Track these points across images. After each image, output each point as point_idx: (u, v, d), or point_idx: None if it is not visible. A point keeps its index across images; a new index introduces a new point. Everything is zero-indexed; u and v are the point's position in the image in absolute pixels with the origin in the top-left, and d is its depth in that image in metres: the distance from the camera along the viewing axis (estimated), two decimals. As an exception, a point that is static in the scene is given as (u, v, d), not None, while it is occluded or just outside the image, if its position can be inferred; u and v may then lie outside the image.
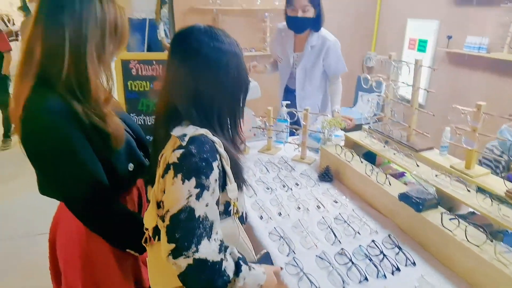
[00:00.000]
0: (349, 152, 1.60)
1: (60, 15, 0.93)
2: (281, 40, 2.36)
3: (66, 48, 0.92)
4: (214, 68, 0.88)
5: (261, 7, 3.50)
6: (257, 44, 3.64)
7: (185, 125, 0.89)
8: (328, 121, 1.81)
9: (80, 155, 0.97)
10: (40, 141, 0.95)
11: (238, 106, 0.97)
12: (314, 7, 2.11)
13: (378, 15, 3.95)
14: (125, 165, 1.12)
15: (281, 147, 1.98)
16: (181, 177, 0.82)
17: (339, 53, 2.25)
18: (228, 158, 0.91)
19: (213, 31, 0.90)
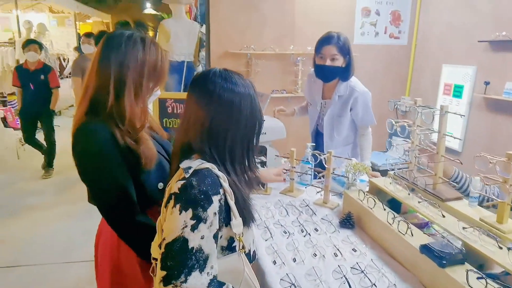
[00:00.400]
0: (371, 198, 1.55)
1: (109, 56, 1.13)
2: (311, 86, 2.36)
3: (111, 83, 1.12)
4: (227, 107, 0.94)
5: (294, 52, 3.60)
6: (289, 86, 3.72)
7: (193, 158, 0.95)
8: (352, 165, 1.77)
9: (113, 170, 1.13)
10: (85, 155, 1.14)
11: (251, 144, 1.01)
12: (344, 56, 2.09)
13: (413, 60, 3.93)
14: (155, 184, 1.24)
15: (304, 189, 1.96)
16: (179, 208, 0.87)
17: (367, 105, 2.19)
18: (232, 193, 0.93)
19: (228, 74, 0.97)
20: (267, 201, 1.80)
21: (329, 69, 2.10)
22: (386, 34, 3.83)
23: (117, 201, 1.15)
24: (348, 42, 2.12)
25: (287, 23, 3.60)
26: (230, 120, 0.95)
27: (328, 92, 2.26)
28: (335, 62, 2.08)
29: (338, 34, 2.10)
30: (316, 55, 2.14)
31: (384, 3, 3.73)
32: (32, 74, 4.38)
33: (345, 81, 2.16)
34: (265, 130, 2.13)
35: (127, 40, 1.15)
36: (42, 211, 3.79)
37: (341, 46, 2.07)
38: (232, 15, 3.46)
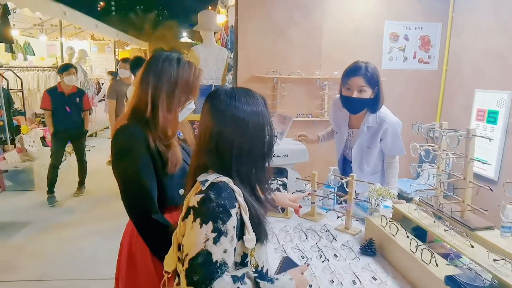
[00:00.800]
0: (394, 225, 1.48)
1: (149, 72, 1.33)
2: (336, 113, 2.27)
3: (148, 96, 1.31)
4: (235, 125, 0.97)
5: (320, 76, 3.61)
6: (315, 110, 3.71)
7: (210, 172, 0.99)
8: (375, 190, 1.72)
9: (140, 167, 1.29)
10: (120, 151, 1.32)
11: (259, 160, 1.02)
12: (372, 88, 1.98)
13: (444, 85, 3.83)
14: (177, 189, 1.40)
15: (326, 214, 1.91)
16: (200, 221, 0.89)
17: (397, 135, 2.08)
18: (246, 208, 0.95)
19: (235, 93, 1.01)
20: (286, 225, 1.77)
21: (356, 101, 1.99)
22: (415, 59, 3.77)
23: (138, 196, 1.30)
24: (377, 72, 2.01)
25: (314, 48, 3.64)
26: (235, 135, 0.97)
27: (356, 121, 2.15)
28: (362, 94, 1.97)
29: (367, 64, 1.99)
30: (343, 86, 2.05)
31: (413, 28, 3.70)
32: (68, 97, 4.51)
33: (373, 113, 2.06)
34: (286, 152, 2.16)
35: (165, 59, 1.34)
36: (72, 228, 3.91)
37: (369, 77, 1.96)
38: (259, 41, 3.54)
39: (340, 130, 2.26)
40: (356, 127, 2.17)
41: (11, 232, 3.74)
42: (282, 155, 2.12)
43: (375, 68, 2.02)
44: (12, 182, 4.98)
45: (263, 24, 3.52)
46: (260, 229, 0.99)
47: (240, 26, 3.51)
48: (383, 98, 2.05)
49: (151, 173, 1.32)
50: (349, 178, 1.72)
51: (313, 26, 3.60)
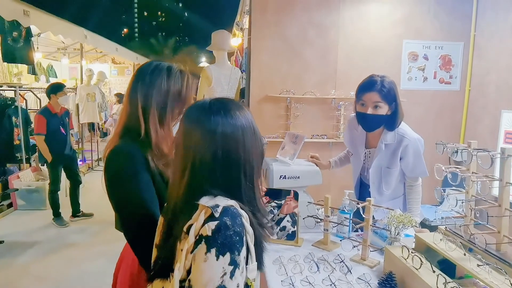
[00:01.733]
0: (418, 257, 1.30)
1: (137, 86, 1.21)
2: (352, 133, 2.12)
3: (139, 111, 1.19)
4: (232, 142, 0.88)
5: (336, 96, 3.49)
6: (330, 132, 3.57)
7: (213, 195, 0.86)
8: (395, 217, 1.55)
9: (142, 193, 1.15)
10: (117, 175, 1.17)
11: (257, 174, 0.94)
12: (388, 104, 1.83)
13: (467, 107, 3.64)
14: None
15: (340, 243, 1.74)
16: (215, 253, 0.77)
17: (419, 154, 1.91)
18: (253, 235, 0.86)
19: (225, 107, 0.91)
20: (296, 254, 1.61)
21: (372, 118, 1.84)
22: (435, 79, 3.62)
23: (142, 225, 1.14)
24: (394, 87, 1.86)
25: (330, 68, 3.54)
26: (242, 152, 0.89)
27: (373, 140, 1.99)
28: (378, 110, 1.82)
29: (382, 78, 1.84)
30: (357, 102, 1.91)
31: (433, 47, 3.57)
32: (61, 118, 4.33)
33: (390, 131, 1.91)
34: (298, 174, 2.01)
35: (153, 70, 1.22)
36: (80, 249, 3.81)
37: (385, 92, 1.81)
38: (273, 60, 3.48)
39: (356, 151, 2.10)
40: (373, 147, 2.01)
41: (18, 252, 3.67)
42: (293, 176, 1.97)
43: (392, 82, 1.87)
44: (25, 201, 4.96)
45: (277, 43, 3.46)
46: (261, 256, 0.91)
47: (253, 45, 3.46)
48: (402, 114, 1.89)
49: (154, 198, 1.17)
50: (366, 203, 1.56)
51: (328, 45, 3.52)
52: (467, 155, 1.30)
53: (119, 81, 11.58)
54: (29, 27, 5.58)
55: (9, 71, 7.36)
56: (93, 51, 9.92)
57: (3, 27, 5.08)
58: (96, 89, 7.33)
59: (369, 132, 2.00)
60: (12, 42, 5.29)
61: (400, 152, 1.91)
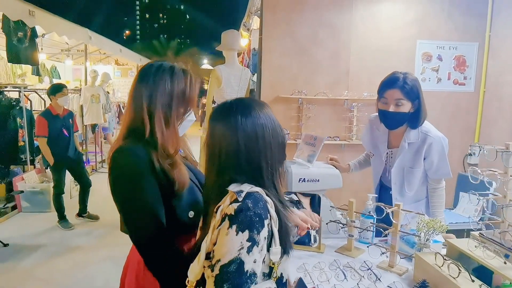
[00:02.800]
0: (454, 265, 1.23)
1: (141, 88, 1.20)
2: (373, 133, 2.07)
3: (144, 113, 1.18)
4: (253, 137, 0.97)
5: (348, 97, 3.43)
6: (342, 133, 3.50)
7: (240, 182, 0.97)
8: (426, 222, 1.48)
9: (147, 193, 1.15)
10: (122, 175, 1.16)
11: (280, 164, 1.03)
12: (411, 101, 1.80)
13: (481, 108, 3.57)
14: (186, 212, 1.24)
15: (365, 249, 1.66)
16: (236, 229, 0.88)
17: (444, 153, 1.85)
18: (277, 220, 0.95)
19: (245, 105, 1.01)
20: (320, 261, 1.53)
21: (394, 116, 1.81)
22: (449, 80, 3.55)
23: (147, 226, 1.15)
24: (417, 84, 1.82)
25: (342, 69, 3.47)
26: (264, 146, 0.98)
27: (396, 139, 1.94)
28: (400, 108, 1.79)
29: (405, 75, 1.81)
30: (379, 99, 1.87)
31: (447, 48, 3.50)
32: (63, 119, 4.23)
33: (414, 129, 1.87)
34: (318, 177, 1.93)
35: (156, 71, 1.21)
36: (84, 252, 3.74)
37: (407, 90, 1.77)
38: (284, 61, 3.41)
39: (378, 151, 2.04)
40: (396, 146, 1.95)
41: (22, 255, 3.60)
42: (313, 179, 1.90)
43: (415, 79, 1.82)
44: (29, 203, 4.89)
45: (288, 43, 3.40)
46: (287, 241, 0.98)
47: (265, 46, 3.40)
48: (425, 112, 1.85)
49: (159, 199, 1.17)
50: (394, 207, 1.48)
51: (340, 46, 3.45)
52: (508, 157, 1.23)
53: (123, 83, 11.52)
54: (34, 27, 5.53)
55: (13, 72, 7.30)
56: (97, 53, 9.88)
57: (8, 27, 5.03)
58: (101, 90, 7.28)
59: (391, 130, 1.94)
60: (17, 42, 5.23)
61: (424, 151, 1.85)
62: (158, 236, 1.15)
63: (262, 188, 0.97)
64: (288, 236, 0.99)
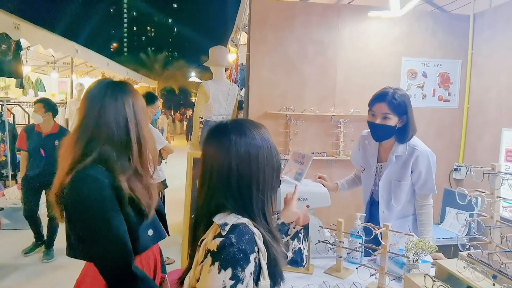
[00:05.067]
0: (444, 287, 1.22)
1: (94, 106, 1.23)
2: (365, 148, 2.11)
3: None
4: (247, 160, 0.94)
5: (335, 113, 3.44)
6: (330, 149, 3.50)
7: (227, 212, 0.93)
8: (414, 243, 1.47)
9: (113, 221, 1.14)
10: (83, 202, 1.12)
11: (272, 191, 1.00)
12: (398, 116, 1.84)
13: (466, 125, 3.63)
14: (146, 230, 1.27)
15: (354, 269, 1.64)
16: (218, 266, 0.84)
17: (430, 168, 1.88)
18: (265, 253, 0.91)
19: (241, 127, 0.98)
20: (309, 283, 1.51)
21: (380, 128, 1.85)
22: (434, 96, 3.61)
23: (114, 250, 1.15)
24: (407, 100, 1.86)
25: (329, 85, 3.50)
26: (256, 172, 0.95)
27: (385, 153, 1.99)
28: (387, 121, 1.84)
29: (395, 90, 1.86)
30: (368, 112, 1.93)
31: (432, 65, 3.57)
32: (44, 139, 3.74)
33: (401, 143, 1.90)
34: (306, 196, 1.92)
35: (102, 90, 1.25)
36: (68, 272, 3.60)
37: (395, 104, 1.82)
38: (272, 77, 3.42)
39: (368, 165, 2.07)
40: (385, 160, 1.99)
41: (1, 276, 3.46)
42: (301, 198, 1.88)
43: (404, 95, 1.87)
44: (10, 220, 4.74)
45: (276, 59, 3.42)
46: (276, 272, 0.95)
47: (252, 62, 3.40)
48: (414, 128, 1.89)
49: (123, 221, 1.17)
50: (383, 228, 1.47)
51: (328, 62, 3.49)
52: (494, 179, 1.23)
53: (109, 96, 11.39)
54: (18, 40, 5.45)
55: (-4, 84, 7.18)
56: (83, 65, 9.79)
57: (-8, 40, 4.94)
58: (87, 103, 7.17)
59: (380, 144, 1.99)
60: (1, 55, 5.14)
61: (411, 164, 1.89)
62: (125, 260, 1.15)
63: (250, 217, 0.94)
64: (278, 267, 0.95)
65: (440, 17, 3.68)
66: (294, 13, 3.41)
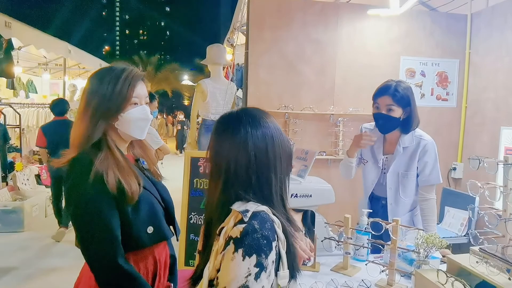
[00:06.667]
0: (459, 283, 1.19)
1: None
2: None
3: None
4: (264, 150, 0.92)
5: (334, 112, 3.42)
6: (329, 148, 3.48)
7: (245, 200, 0.90)
8: (425, 238, 1.43)
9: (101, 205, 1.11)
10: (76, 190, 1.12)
11: (286, 178, 0.97)
12: (402, 107, 1.87)
13: (464, 124, 3.63)
14: (144, 227, 1.20)
15: (361, 266, 1.60)
16: (242, 253, 0.81)
17: (436, 156, 1.94)
18: (285, 242, 0.88)
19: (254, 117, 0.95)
20: (316, 280, 1.46)
21: (385, 118, 1.88)
22: (433, 95, 3.61)
23: (99, 239, 1.11)
24: (410, 92, 1.90)
25: (328, 84, 3.48)
26: (274, 161, 0.93)
27: (390, 146, 2.00)
28: (391, 113, 1.87)
29: (398, 83, 1.90)
30: (373, 105, 1.96)
31: (430, 64, 3.57)
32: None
33: (405, 134, 1.93)
34: (310, 193, 1.88)
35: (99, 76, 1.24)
36: (62, 275, 3.51)
37: (398, 97, 1.86)
38: (270, 75, 3.38)
39: (375, 158, 2.06)
40: (390, 152, 2.01)
41: (-9, 280, 3.36)
42: (305, 195, 1.85)
43: (407, 88, 1.91)
44: (0, 223, 4.61)
45: (274, 58, 3.38)
46: (294, 264, 0.91)
47: (251, 61, 3.37)
48: (417, 119, 1.93)
49: (114, 210, 1.13)
50: (393, 223, 1.44)
51: (326, 61, 3.47)
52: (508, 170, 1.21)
53: (102, 98, 11.28)
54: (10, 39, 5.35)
55: (-14, 85, 7.04)
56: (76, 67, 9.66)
57: (-18, 39, 4.85)
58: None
59: (385, 136, 2.01)
60: (-8, 54, 5.05)
61: (418, 154, 1.92)
62: (111, 251, 1.10)
63: (269, 205, 0.91)
64: (296, 258, 0.92)
65: (438, 16, 3.69)
66: (292, 12, 3.39)
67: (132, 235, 1.16)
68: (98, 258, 1.11)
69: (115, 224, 1.12)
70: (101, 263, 1.11)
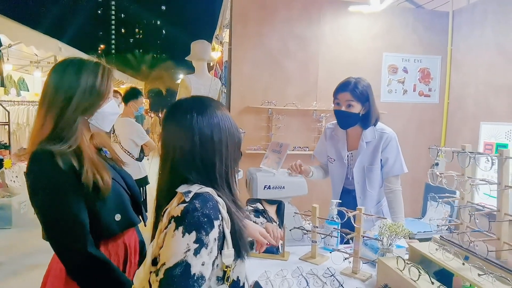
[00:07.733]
0: (415, 268, 1.22)
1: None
2: (333, 139, 2.18)
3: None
4: (210, 137, 0.95)
5: (317, 108, 3.45)
6: (311, 144, 3.51)
7: (191, 183, 0.93)
8: (388, 226, 1.46)
9: (68, 198, 1.10)
10: (41, 179, 1.11)
11: (235, 163, 1.01)
12: (361, 103, 1.94)
13: (446, 119, 3.68)
14: (112, 214, 1.21)
15: (329, 255, 1.63)
16: (182, 230, 0.84)
17: (398, 148, 1.99)
18: (229, 221, 0.91)
19: (199, 103, 0.99)
20: (283, 269, 1.49)
21: (345, 115, 1.95)
22: (415, 92, 3.65)
23: (68, 228, 1.11)
24: (368, 89, 1.97)
25: (311, 80, 3.51)
26: (219, 145, 0.96)
27: (354, 142, 2.06)
28: (351, 109, 1.94)
29: (357, 80, 1.96)
30: (334, 102, 2.02)
31: (412, 60, 3.61)
32: None
33: (365, 129, 1.99)
34: (283, 184, 1.91)
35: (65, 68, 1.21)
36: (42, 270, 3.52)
37: (357, 93, 1.93)
38: (254, 71, 3.41)
39: (339, 155, 2.12)
40: (354, 148, 2.07)
41: (-25, 276, 3.36)
42: (278, 187, 1.88)
43: (366, 85, 1.98)
44: (-13, 220, 4.62)
45: (258, 54, 3.41)
46: (241, 244, 0.95)
47: (234, 57, 3.39)
48: (377, 114, 1.99)
49: (80, 200, 1.13)
50: (356, 211, 1.47)
51: (309, 57, 3.50)
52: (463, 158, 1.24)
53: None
54: (-2, 36, 5.34)
55: (-25, 83, 7.00)
56: (68, 65, 9.62)
57: (-31, 36, 4.83)
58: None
59: (348, 132, 2.07)
60: (-21, 51, 5.03)
61: (381, 147, 1.98)
62: (80, 240, 1.11)
63: (214, 188, 0.94)
64: (242, 238, 0.95)
65: (420, 13, 3.73)
66: (275, 8, 3.42)
67: (101, 223, 1.18)
68: (68, 248, 1.12)
69: (82, 212, 1.12)
70: (71, 253, 1.12)
